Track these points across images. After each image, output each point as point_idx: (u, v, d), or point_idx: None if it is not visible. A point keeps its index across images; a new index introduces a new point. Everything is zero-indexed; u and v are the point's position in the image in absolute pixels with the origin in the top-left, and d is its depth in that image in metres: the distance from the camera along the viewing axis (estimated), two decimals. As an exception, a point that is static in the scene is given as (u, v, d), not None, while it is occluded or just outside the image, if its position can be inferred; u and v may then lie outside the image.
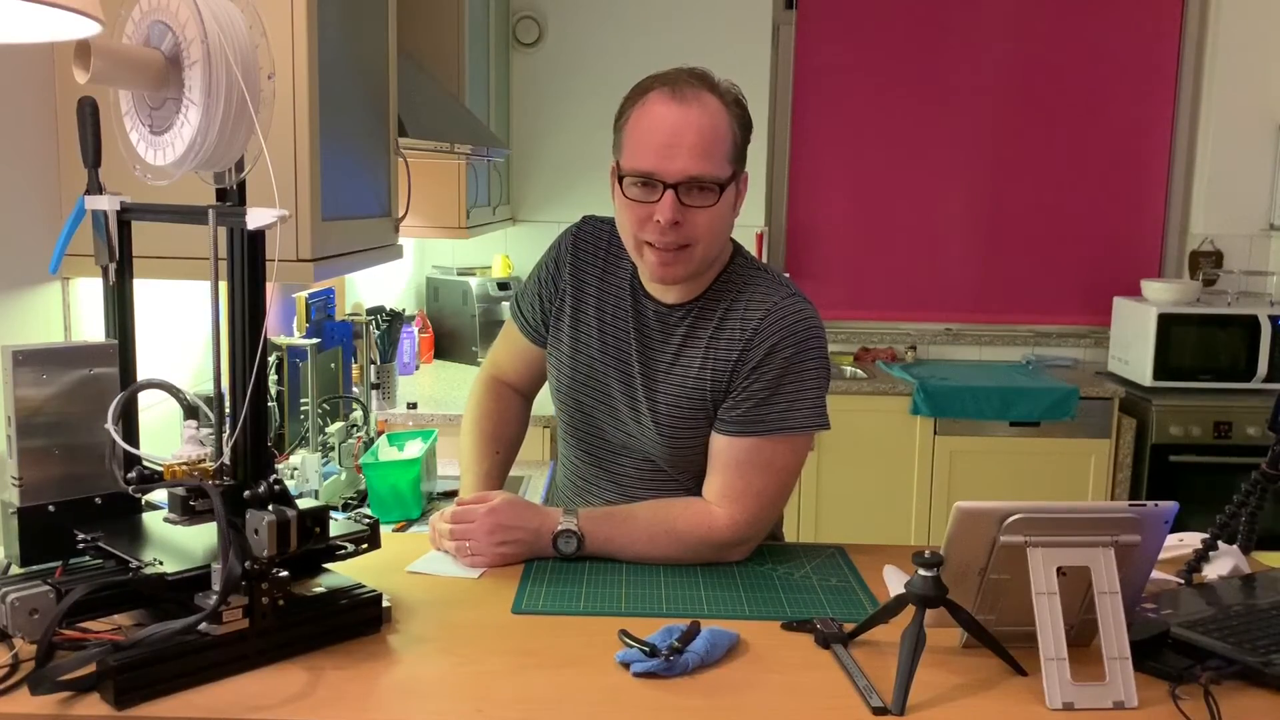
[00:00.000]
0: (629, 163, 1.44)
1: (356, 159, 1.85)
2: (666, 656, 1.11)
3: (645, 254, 1.46)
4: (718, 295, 1.53)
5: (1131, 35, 4.25)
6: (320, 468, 2.06)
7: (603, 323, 1.59)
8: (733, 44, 4.16)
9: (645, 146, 1.42)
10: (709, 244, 1.45)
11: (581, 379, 1.60)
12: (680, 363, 1.53)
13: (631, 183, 1.43)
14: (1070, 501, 1.20)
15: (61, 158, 1.63)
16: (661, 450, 1.55)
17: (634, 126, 1.44)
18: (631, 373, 1.55)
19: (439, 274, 4.05)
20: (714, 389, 1.50)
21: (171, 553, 1.16)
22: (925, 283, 4.40)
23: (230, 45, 1.06)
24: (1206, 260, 4.27)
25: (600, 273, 1.61)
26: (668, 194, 1.40)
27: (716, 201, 1.42)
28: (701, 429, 1.52)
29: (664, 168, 1.40)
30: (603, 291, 1.60)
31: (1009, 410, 3.76)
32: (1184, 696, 1.06)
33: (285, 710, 1.02)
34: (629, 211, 1.45)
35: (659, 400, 1.53)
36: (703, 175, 1.40)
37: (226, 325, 1.11)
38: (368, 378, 2.83)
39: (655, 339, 1.55)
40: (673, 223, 1.40)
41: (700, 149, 1.39)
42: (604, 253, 1.61)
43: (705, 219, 1.42)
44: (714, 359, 1.50)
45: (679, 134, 1.39)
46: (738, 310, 1.50)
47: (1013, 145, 4.31)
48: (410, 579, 1.39)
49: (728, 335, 1.50)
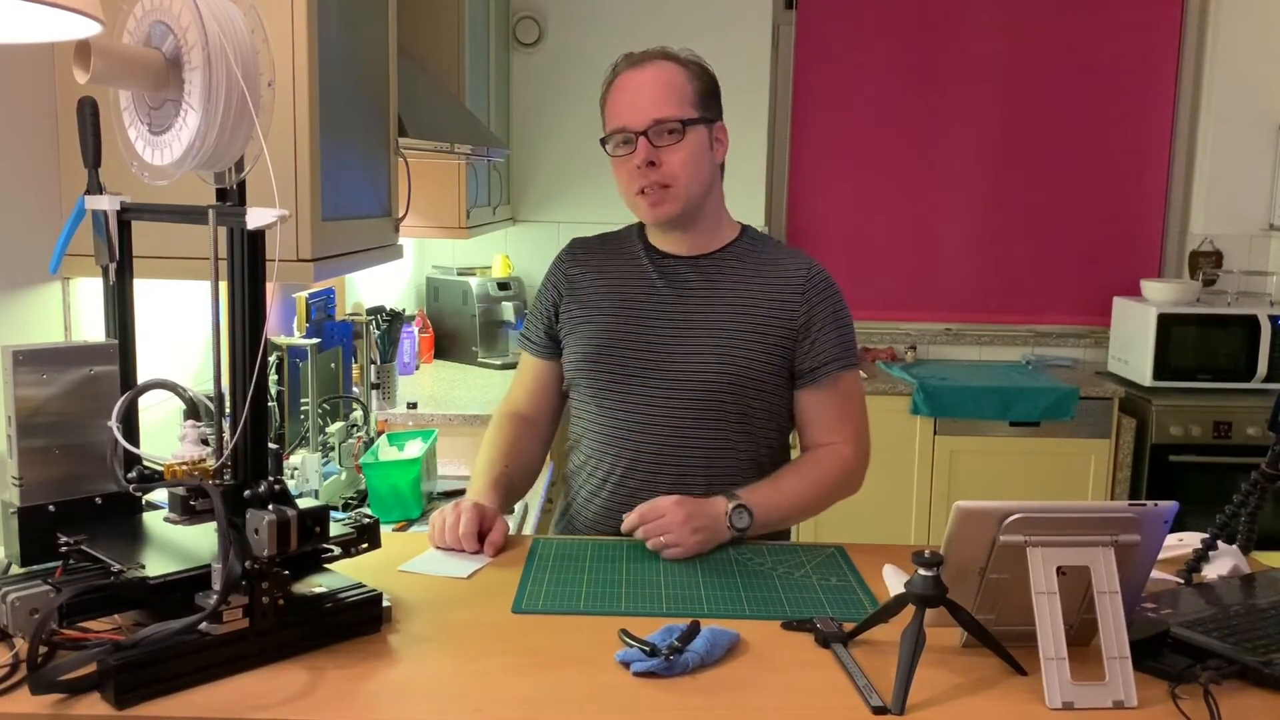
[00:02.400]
0: (607, 128, 1.66)
1: (356, 159, 1.85)
2: (666, 656, 1.11)
3: (638, 202, 1.65)
4: (744, 252, 1.72)
5: (1131, 35, 4.25)
6: (320, 468, 2.06)
7: (623, 285, 1.72)
8: (733, 44, 4.16)
9: (616, 108, 1.64)
10: (688, 181, 1.63)
11: (612, 337, 1.68)
12: (733, 299, 1.67)
13: (615, 144, 1.64)
14: (1070, 501, 1.20)
15: (61, 158, 1.63)
16: (715, 373, 1.63)
17: (609, 100, 1.66)
18: (674, 312, 1.67)
19: (439, 274, 4.05)
20: (781, 327, 1.65)
21: (171, 553, 1.16)
22: (925, 283, 4.40)
23: (231, 48, 1.06)
24: (1206, 260, 4.27)
25: (599, 260, 1.77)
26: (640, 140, 1.61)
27: (683, 139, 1.61)
28: (758, 356, 1.65)
29: (631, 119, 1.61)
30: (607, 268, 1.75)
31: (1009, 410, 3.76)
32: (1184, 696, 1.06)
33: (285, 710, 1.02)
34: (619, 170, 1.65)
35: (716, 330, 1.65)
36: (664, 117, 1.60)
37: (226, 325, 1.11)
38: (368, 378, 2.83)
39: (692, 280, 1.70)
40: (648, 163, 1.60)
41: (660, 97, 1.61)
42: (598, 247, 1.79)
43: (679, 158, 1.61)
44: (773, 300, 1.66)
45: (640, 90, 1.62)
46: (770, 265, 1.70)
47: (1013, 145, 4.31)
48: (411, 579, 1.39)
49: (779, 283, 1.67)
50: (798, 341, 1.65)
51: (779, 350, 1.65)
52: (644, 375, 1.66)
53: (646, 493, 1.62)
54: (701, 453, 1.64)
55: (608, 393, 1.68)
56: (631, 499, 1.63)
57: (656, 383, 1.65)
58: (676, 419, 1.64)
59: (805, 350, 1.65)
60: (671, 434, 1.64)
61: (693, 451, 1.64)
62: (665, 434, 1.64)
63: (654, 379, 1.65)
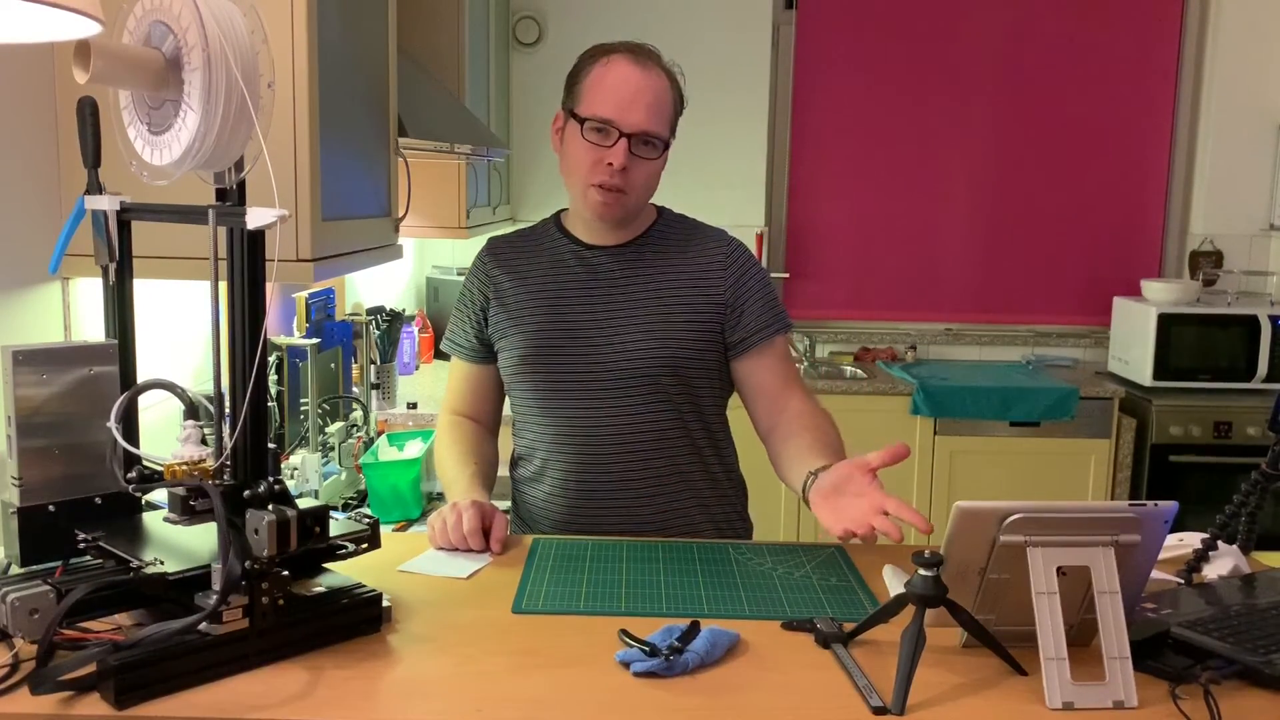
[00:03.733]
0: (590, 109, 1.60)
1: (356, 159, 1.85)
2: (666, 656, 1.11)
3: (590, 194, 1.63)
4: (663, 234, 1.73)
5: (1131, 35, 4.25)
6: (320, 468, 2.06)
7: (549, 284, 1.70)
8: (733, 44, 4.17)
9: (609, 97, 1.59)
10: (640, 195, 1.66)
11: (545, 338, 1.67)
12: (659, 282, 1.68)
13: (592, 127, 1.60)
14: (1070, 501, 1.20)
15: (61, 158, 1.63)
16: (653, 357, 1.64)
17: (597, 80, 1.61)
18: (602, 304, 1.67)
19: (439, 274, 4.05)
20: (708, 302, 1.68)
21: (171, 553, 1.16)
22: (925, 283, 4.40)
23: (231, 49, 1.06)
24: (1206, 260, 4.27)
25: (522, 259, 1.74)
26: (622, 141, 1.59)
27: (658, 157, 1.63)
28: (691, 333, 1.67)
29: (624, 118, 1.59)
30: (530, 267, 1.72)
31: (1009, 410, 3.76)
32: (1184, 696, 1.06)
33: (285, 710, 1.02)
34: (583, 154, 1.61)
35: (646, 315, 1.66)
36: (652, 132, 1.61)
37: (226, 325, 1.11)
38: (368, 378, 2.83)
39: (616, 270, 1.69)
40: (622, 167, 1.59)
41: (655, 108, 1.61)
42: (518, 245, 1.77)
43: (644, 172, 1.63)
44: (697, 278, 1.69)
45: (640, 92, 1.60)
46: (691, 244, 1.72)
47: (1013, 145, 4.31)
48: (411, 579, 1.39)
49: (701, 261, 1.70)
50: (726, 316, 1.68)
51: (710, 325, 1.67)
52: (583, 371, 1.65)
53: (606, 485, 1.65)
54: (653, 437, 1.66)
55: (549, 394, 1.67)
56: (592, 494, 1.66)
57: (597, 376, 1.65)
58: (623, 408, 1.65)
59: (734, 322, 1.68)
60: (622, 424, 1.65)
61: (644, 437, 1.65)
62: (615, 425, 1.65)
63: (593, 373, 1.65)
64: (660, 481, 1.67)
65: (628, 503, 1.66)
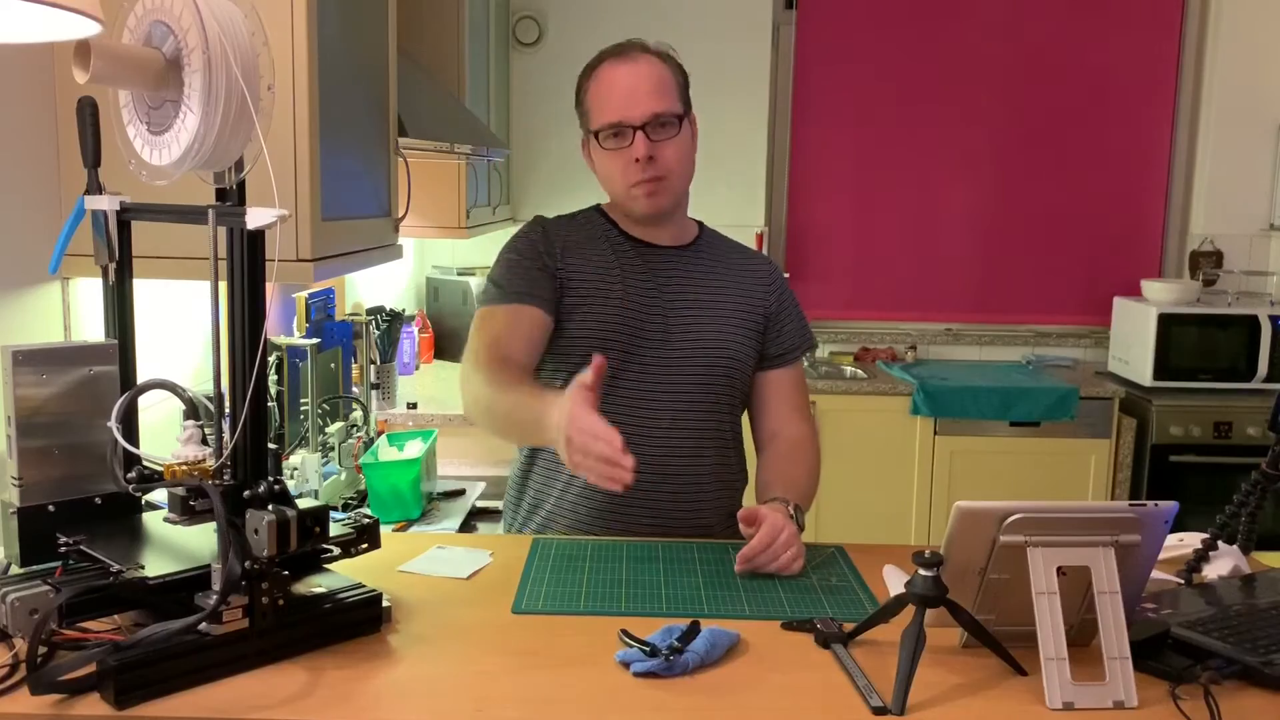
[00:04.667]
0: (598, 121, 1.65)
1: (356, 159, 1.85)
2: (666, 656, 1.11)
3: (633, 194, 1.66)
4: (710, 245, 1.79)
5: (1131, 35, 4.25)
6: (320, 468, 2.06)
7: (612, 273, 1.68)
8: (733, 44, 4.16)
9: (609, 102, 1.63)
10: (681, 173, 1.68)
11: (616, 325, 1.65)
12: (717, 288, 1.73)
13: (606, 136, 1.64)
14: (1070, 501, 1.20)
15: (61, 158, 1.63)
16: (714, 361, 1.68)
17: (594, 93, 1.66)
18: (668, 302, 1.69)
19: (439, 274, 4.05)
20: (757, 314, 1.75)
21: (171, 553, 1.16)
22: (925, 283, 4.40)
23: (232, 51, 1.06)
24: (1206, 260, 4.27)
25: (583, 240, 1.72)
26: (638, 134, 1.61)
27: (679, 132, 1.65)
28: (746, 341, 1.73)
29: (629, 113, 1.62)
30: (596, 250, 1.71)
31: (1009, 410, 3.76)
32: (1184, 696, 1.06)
33: (285, 710, 1.02)
34: (611, 163, 1.66)
35: (709, 318, 1.70)
36: (662, 111, 1.62)
37: (226, 325, 1.11)
38: (368, 378, 2.83)
39: (677, 271, 1.72)
40: (648, 157, 1.61)
41: (654, 91, 1.62)
42: (571, 226, 1.74)
43: (673, 151, 1.65)
44: (747, 289, 1.75)
45: (634, 84, 1.62)
46: (735, 258, 1.79)
47: (1013, 145, 4.31)
48: (411, 579, 1.39)
49: (749, 274, 1.77)
50: (768, 329, 1.75)
51: (756, 335, 1.74)
52: (648, 362, 1.66)
53: (646, 478, 1.55)
54: (698, 437, 1.67)
55: (610, 383, 1.61)
56: (631, 492, 1.59)
57: (661, 370, 1.66)
58: (680, 405, 1.66)
59: (775, 336, 1.76)
60: (676, 419, 1.65)
61: (693, 436, 1.67)
62: (671, 419, 1.65)
63: (658, 366, 1.66)
64: (694, 481, 1.66)
65: (657, 498, 1.63)
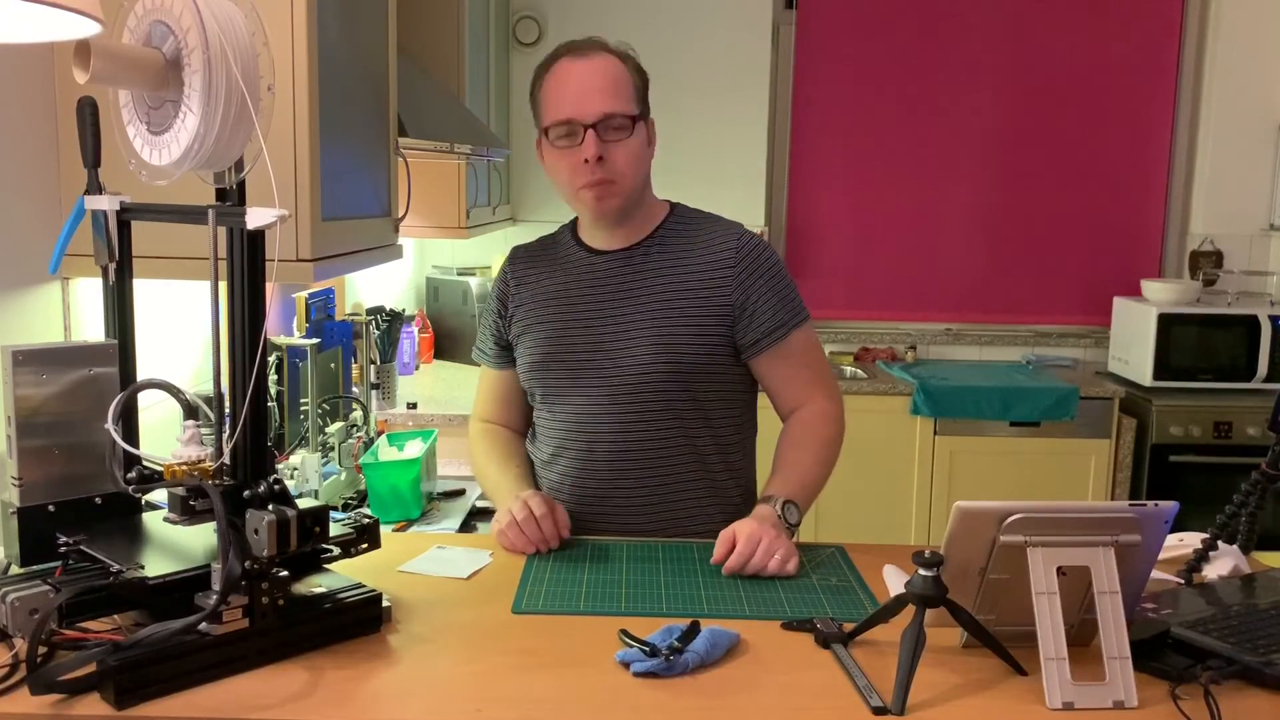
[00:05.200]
0: (550, 117, 1.60)
1: (356, 159, 1.85)
2: (666, 656, 1.11)
3: (582, 196, 1.62)
4: (672, 234, 1.69)
5: (1131, 35, 4.25)
6: (320, 468, 2.06)
7: (559, 289, 1.70)
8: (733, 44, 4.16)
9: (561, 99, 1.59)
10: (631, 177, 1.62)
11: (553, 342, 1.67)
12: (664, 288, 1.65)
13: (557, 134, 1.59)
14: (1070, 501, 1.20)
15: (61, 158, 1.63)
16: (655, 366, 1.62)
17: (548, 89, 1.61)
18: (607, 310, 1.66)
19: (439, 274, 4.05)
20: (716, 307, 1.64)
21: (170, 553, 1.16)
22: (925, 283, 4.40)
23: (232, 52, 1.06)
24: (1206, 260, 4.27)
25: (539, 266, 1.74)
26: (589, 133, 1.57)
27: (631, 135, 1.60)
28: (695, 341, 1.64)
29: (581, 111, 1.57)
30: (545, 273, 1.72)
31: (1009, 410, 3.76)
32: (1184, 696, 1.06)
33: (285, 710, 1.02)
34: (560, 161, 1.61)
35: (649, 322, 1.63)
36: (615, 111, 1.58)
37: (226, 325, 1.11)
38: (368, 378, 2.83)
39: (623, 275, 1.67)
40: (597, 158, 1.57)
41: (609, 90, 1.58)
42: (537, 252, 1.77)
43: (624, 154, 1.59)
44: (705, 280, 1.65)
45: (588, 81, 1.58)
46: (700, 244, 1.68)
47: (1013, 145, 4.31)
48: (411, 579, 1.39)
49: (709, 261, 1.66)
50: (736, 319, 1.64)
51: (717, 331, 1.64)
52: (587, 377, 1.65)
53: (605, 493, 1.65)
54: (655, 446, 1.64)
55: (556, 398, 1.68)
56: (592, 501, 1.65)
57: (600, 383, 1.64)
58: (626, 416, 1.64)
59: (745, 325, 1.64)
60: (623, 431, 1.64)
61: (646, 447, 1.64)
62: (616, 432, 1.64)
63: (597, 379, 1.64)
64: (659, 492, 1.65)
65: (624, 511, 1.65)
